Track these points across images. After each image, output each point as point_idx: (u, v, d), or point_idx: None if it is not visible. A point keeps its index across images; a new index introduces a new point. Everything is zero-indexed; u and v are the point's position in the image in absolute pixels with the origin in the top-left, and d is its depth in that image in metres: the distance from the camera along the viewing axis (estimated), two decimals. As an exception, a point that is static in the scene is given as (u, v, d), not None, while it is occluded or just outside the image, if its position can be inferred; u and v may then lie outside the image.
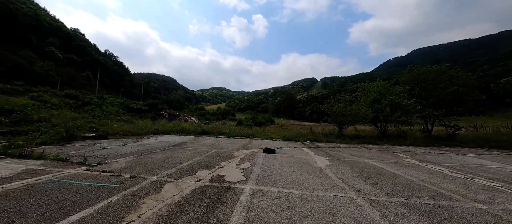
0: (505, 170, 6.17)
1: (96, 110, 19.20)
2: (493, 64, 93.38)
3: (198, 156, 6.72)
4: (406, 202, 3.37)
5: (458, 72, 14.18)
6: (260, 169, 5.24)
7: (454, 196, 3.72)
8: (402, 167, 6.28)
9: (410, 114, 13.51)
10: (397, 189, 4.01)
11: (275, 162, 6.33)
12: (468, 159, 8.24)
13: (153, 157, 6.15)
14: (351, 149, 10.47)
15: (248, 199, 3.20)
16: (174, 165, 5.16)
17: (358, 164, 6.53)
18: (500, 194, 3.93)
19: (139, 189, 3.38)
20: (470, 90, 13.33)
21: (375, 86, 15.63)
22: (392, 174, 5.26)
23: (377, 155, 8.53)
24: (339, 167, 5.92)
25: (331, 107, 15.72)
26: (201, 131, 17.31)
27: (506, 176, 5.48)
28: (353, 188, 4.02)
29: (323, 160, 6.97)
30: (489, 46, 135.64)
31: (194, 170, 4.82)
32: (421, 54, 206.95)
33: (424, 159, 7.92)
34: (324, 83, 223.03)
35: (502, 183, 4.72)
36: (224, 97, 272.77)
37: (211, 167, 5.23)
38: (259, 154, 7.76)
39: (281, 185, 3.99)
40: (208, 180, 4.07)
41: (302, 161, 6.63)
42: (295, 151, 8.94)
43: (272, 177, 4.52)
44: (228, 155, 7.14)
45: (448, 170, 6.05)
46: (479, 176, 5.36)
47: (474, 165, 6.90)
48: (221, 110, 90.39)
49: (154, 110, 35.03)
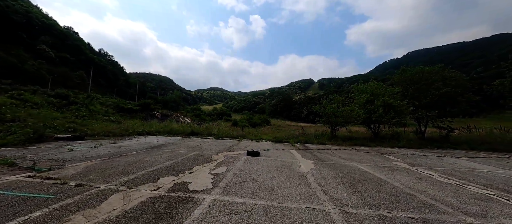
0: (498, 175, 5.81)
1: (81, 110, 18.50)
2: (487, 67, 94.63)
3: (173, 159, 6.22)
4: (388, 215, 2.94)
5: (451, 73, 13.94)
6: (235, 175, 4.77)
7: (443, 207, 3.30)
8: (390, 171, 5.87)
9: (403, 115, 13.20)
10: (381, 199, 3.58)
11: (255, 166, 5.86)
12: (461, 162, 7.90)
13: (121, 160, 5.63)
14: (341, 151, 10.07)
15: (203, 213, 2.73)
16: (138, 170, 4.65)
17: (344, 168, 6.10)
18: (493, 204, 3.52)
19: (77, 201, 2.87)
20: (464, 91, 13.08)
21: (368, 87, 15.30)
22: (378, 180, 4.84)
23: (366, 158, 8.13)
24: (323, 172, 5.48)
25: (324, 108, 15.34)
26: (190, 131, 16.75)
27: (500, 182, 5.11)
28: (331, 197, 3.57)
29: (308, 164, 6.54)
30: (483, 49, 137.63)
31: (158, 176, 4.32)
32: (417, 56, 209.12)
33: (415, 162, 7.54)
34: (321, 84, 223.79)
35: (495, 191, 4.33)
36: (221, 98, 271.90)
37: (180, 172, 4.74)
38: (242, 156, 7.29)
39: (250, 194, 3.53)
40: (168, 189, 3.58)
41: (285, 165, 6.18)
42: (281, 154, 8.50)
43: (244, 185, 4.05)
44: (207, 158, 6.65)
45: (439, 174, 5.66)
46: (471, 182, 4.98)
47: (467, 169, 6.54)
48: (217, 111, 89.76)
49: (146, 110, 34.33)
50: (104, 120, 19.99)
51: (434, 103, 13.01)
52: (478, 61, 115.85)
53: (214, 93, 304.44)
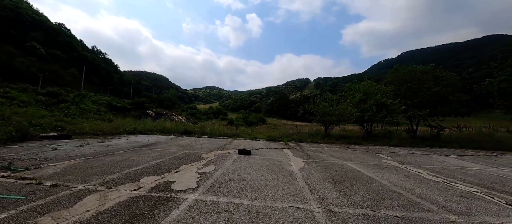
0: (485, 173, 5.88)
1: (71, 108, 18.05)
2: (478, 67, 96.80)
3: (161, 158, 6.07)
4: (372, 214, 2.89)
5: (442, 73, 14.13)
6: (222, 174, 4.67)
7: (428, 205, 3.29)
8: (380, 169, 5.87)
9: (395, 114, 13.32)
10: (367, 197, 3.54)
11: (245, 164, 5.78)
12: (450, 160, 7.99)
13: (105, 159, 5.46)
14: (334, 149, 10.08)
15: (182, 213, 2.62)
16: (122, 170, 4.51)
17: (334, 166, 6.08)
18: (478, 202, 3.53)
19: (48, 202, 2.73)
20: (454, 91, 13.28)
21: (361, 86, 15.38)
22: (367, 178, 4.82)
23: (358, 156, 8.14)
24: (312, 170, 5.44)
25: (317, 107, 15.35)
26: (184, 130, 16.55)
27: (486, 179, 5.16)
28: (317, 196, 3.52)
29: (299, 162, 6.49)
30: (474, 50, 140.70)
31: (141, 175, 4.19)
32: (411, 56, 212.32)
33: (405, 160, 7.58)
34: (317, 83, 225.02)
35: (481, 188, 4.36)
36: (218, 97, 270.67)
37: (165, 171, 4.61)
38: (232, 155, 7.19)
39: (235, 193, 3.44)
40: (149, 188, 3.46)
41: (275, 164, 6.11)
42: (273, 152, 8.43)
43: (230, 184, 3.96)
44: (196, 157, 6.53)
45: (427, 172, 5.69)
46: (459, 180, 5.01)
47: (455, 167, 6.60)
48: (213, 110, 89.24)
49: (140, 109, 33.82)
50: (95, 119, 19.56)
51: (425, 103, 13.17)
52: (469, 62, 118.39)
53: (210, 92, 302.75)
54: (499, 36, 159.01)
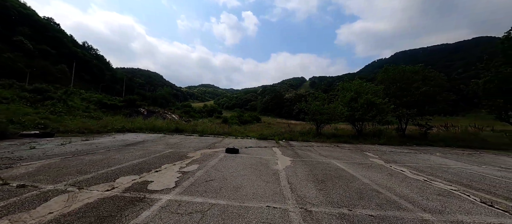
0: (466, 171, 6.01)
1: (57, 105, 17.51)
2: (468, 68, 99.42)
3: (144, 157, 5.94)
4: (348, 213, 2.88)
5: (431, 73, 14.39)
6: (204, 173, 4.59)
7: (404, 204, 3.31)
8: (365, 168, 5.92)
9: (384, 113, 13.50)
10: (346, 196, 3.54)
11: (230, 163, 5.71)
12: (434, 158, 8.15)
13: (84, 159, 5.28)
14: (323, 148, 10.13)
15: (152, 215, 2.54)
16: (99, 169, 4.37)
17: (320, 165, 6.08)
18: (454, 200, 3.58)
19: (10, 204, 2.59)
20: (442, 91, 13.56)
21: (352, 85, 15.52)
22: (350, 177, 4.83)
23: (346, 155, 8.20)
24: (297, 169, 5.42)
25: (309, 106, 15.41)
26: (175, 128, 16.33)
27: (466, 177, 5.27)
28: (297, 195, 3.49)
29: (286, 161, 6.47)
30: (465, 51, 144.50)
31: (119, 175, 4.06)
32: (404, 56, 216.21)
33: (391, 158, 7.68)
34: (312, 82, 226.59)
35: (459, 186, 4.44)
36: (213, 95, 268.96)
37: (145, 171, 4.49)
38: (220, 154, 7.11)
39: (213, 193, 3.37)
40: (124, 189, 3.35)
41: (261, 162, 6.07)
42: (262, 151, 8.40)
43: (210, 183, 3.89)
44: (182, 156, 6.42)
45: (411, 171, 5.77)
46: (439, 178, 5.09)
47: (438, 165, 6.73)
48: (208, 108, 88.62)
49: (132, 106, 33.16)
50: (84, 116, 19.06)
51: (414, 102, 13.40)
52: (460, 63, 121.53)
53: (205, 90, 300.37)
54: (487, 38, 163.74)
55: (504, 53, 12.93)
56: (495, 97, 12.68)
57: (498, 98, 12.71)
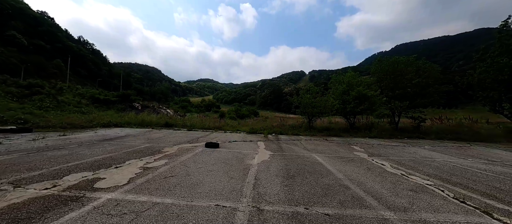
0: (449, 164, 5.77)
1: (45, 100, 17.20)
2: (468, 60, 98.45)
3: (114, 152, 5.69)
4: (303, 212, 2.64)
5: (425, 64, 14.00)
6: (169, 169, 4.35)
7: (369, 201, 3.07)
8: (345, 162, 5.68)
9: (376, 106, 13.21)
10: (310, 193, 3.30)
11: (203, 158, 5.47)
12: (421, 151, 7.91)
13: (47, 154, 5.04)
14: (311, 142, 9.90)
15: (78, 216, 2.29)
16: (54, 166, 4.12)
17: (299, 159, 5.85)
18: (425, 196, 3.34)
19: None
20: (435, 82, 13.20)
21: (345, 78, 15.15)
22: (324, 172, 4.59)
23: (331, 149, 7.97)
24: (272, 164, 5.18)
25: (301, 99, 15.10)
26: (165, 123, 16.10)
27: (447, 171, 5.03)
28: (257, 192, 3.25)
29: (265, 155, 6.23)
30: (466, 42, 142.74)
31: (72, 171, 3.82)
32: (404, 49, 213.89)
33: (375, 152, 7.45)
34: (311, 76, 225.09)
35: (436, 181, 4.20)
36: (212, 90, 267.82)
37: (104, 166, 4.25)
38: (198, 148, 6.87)
39: (164, 191, 3.13)
40: (67, 187, 3.10)
41: (238, 157, 5.83)
42: (245, 145, 8.16)
43: (168, 180, 3.64)
44: (155, 151, 6.17)
45: (391, 164, 5.53)
46: (418, 172, 4.86)
47: (422, 158, 6.49)
48: (206, 103, 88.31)
49: (126, 101, 32.85)
50: (74, 112, 18.80)
51: (406, 94, 13.07)
52: (460, 55, 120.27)
53: (204, 85, 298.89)
54: (488, 29, 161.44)
55: (500, 43, 12.51)
56: (489, 89, 12.35)
57: (493, 90, 12.38)
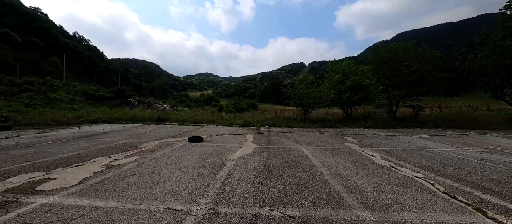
0: (444, 154, 5.38)
1: (34, 98, 16.83)
2: (471, 47, 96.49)
3: (84, 149, 5.34)
4: (266, 215, 2.27)
5: (424, 50, 13.38)
6: (135, 166, 3.99)
7: (347, 199, 2.69)
8: (331, 154, 5.31)
9: (372, 95, 12.74)
10: (283, 191, 2.93)
11: (180, 154, 5.12)
12: (417, 140, 7.53)
13: (9, 153, 4.71)
14: (303, 133, 9.53)
15: (-8, 228, 1.93)
16: (8, 166, 3.77)
17: (284, 152, 5.48)
18: (412, 191, 2.96)
19: None
20: (434, 69, 12.62)
21: (340, 66, 14.60)
22: (306, 165, 4.22)
23: (322, 140, 7.60)
24: (253, 158, 4.82)
25: (294, 90, 14.62)
26: (157, 118, 15.76)
27: (441, 161, 4.64)
28: (222, 191, 2.89)
29: (249, 149, 5.87)
30: (469, 29, 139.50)
31: (21, 172, 3.47)
32: (406, 37, 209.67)
33: (368, 142, 7.07)
34: (311, 67, 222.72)
35: (428, 173, 3.82)
36: (211, 84, 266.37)
37: (63, 165, 3.90)
38: (179, 143, 6.52)
39: (114, 193, 2.76)
40: (4, 189, 2.75)
41: (218, 151, 5.47)
42: (232, 139, 7.81)
43: (126, 180, 3.28)
44: (131, 147, 5.81)
45: (382, 155, 5.16)
46: (410, 163, 4.48)
47: (416, 148, 6.11)
48: (205, 97, 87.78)
49: (121, 97, 32.43)
50: (66, 108, 18.47)
51: (403, 82, 12.54)
52: (463, 42, 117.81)
53: (204, 79, 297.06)
54: (492, 15, 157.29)
55: (503, 26, 11.84)
56: (491, 75, 11.79)
57: (494, 76, 11.83)
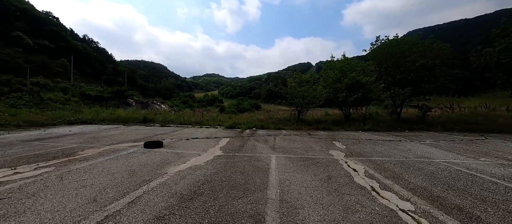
0: (451, 169, 4.12)
1: (23, 98, 16.60)
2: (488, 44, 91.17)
3: (8, 156, 4.51)
4: None
5: (432, 43, 11.87)
6: (21, 186, 3.07)
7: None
8: (304, 167, 4.20)
9: (373, 94, 11.40)
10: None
11: (111, 165, 4.18)
12: (418, 148, 6.22)
13: None
14: (288, 137, 8.40)
15: None
16: None
17: (246, 163, 4.43)
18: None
19: None
20: (443, 64, 11.08)
21: (337, 63, 13.32)
22: (256, 186, 3.16)
23: (305, 146, 6.47)
24: (197, 173, 3.80)
25: (287, 89, 13.47)
26: (142, 118, 15.09)
27: (444, 181, 3.42)
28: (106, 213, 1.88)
29: (208, 157, 4.87)
30: (485, 26, 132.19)
31: None
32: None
33: (358, 150, 5.87)
34: (318, 67, 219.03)
35: (422, 201, 2.64)
36: (218, 84, 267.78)
37: None
38: (130, 149, 5.61)
39: None
40: None
41: (165, 161, 4.50)
42: (200, 143, 6.83)
43: (-17, 207, 2.34)
44: (66, 154, 4.95)
45: (368, 170, 3.99)
46: (400, 183, 3.30)
47: (416, 159, 4.86)
48: (208, 97, 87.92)
49: (120, 97, 32.38)
50: (58, 109, 18.20)
51: (408, 79, 11.11)
52: (478, 38, 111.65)
53: (210, 80, 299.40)
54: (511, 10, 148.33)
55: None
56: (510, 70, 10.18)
57: (516, 71, 10.21)
